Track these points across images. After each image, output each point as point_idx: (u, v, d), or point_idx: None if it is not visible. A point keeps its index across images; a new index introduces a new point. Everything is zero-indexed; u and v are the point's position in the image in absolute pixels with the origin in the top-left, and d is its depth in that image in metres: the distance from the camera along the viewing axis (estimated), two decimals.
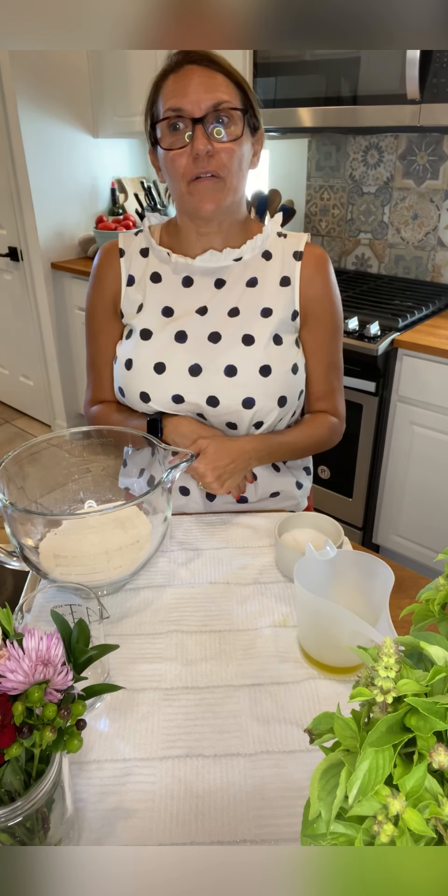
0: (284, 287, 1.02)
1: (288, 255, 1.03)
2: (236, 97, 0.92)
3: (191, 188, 0.92)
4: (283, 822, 0.56)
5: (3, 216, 2.99)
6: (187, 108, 0.88)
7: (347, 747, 0.36)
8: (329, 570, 0.75)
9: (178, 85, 0.90)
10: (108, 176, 3.03)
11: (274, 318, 1.00)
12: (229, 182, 0.93)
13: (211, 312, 1.00)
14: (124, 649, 0.74)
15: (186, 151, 0.90)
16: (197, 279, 1.02)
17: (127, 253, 1.06)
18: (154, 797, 0.58)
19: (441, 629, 0.46)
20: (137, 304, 1.04)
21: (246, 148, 0.95)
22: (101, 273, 1.07)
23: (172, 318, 1.02)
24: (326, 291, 1.05)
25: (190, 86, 0.89)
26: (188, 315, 1.01)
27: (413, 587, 0.83)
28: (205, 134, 0.89)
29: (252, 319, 1.00)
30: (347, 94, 1.89)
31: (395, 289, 2.24)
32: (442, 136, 2.13)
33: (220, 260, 1.00)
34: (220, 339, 0.99)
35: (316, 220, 2.59)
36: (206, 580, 0.86)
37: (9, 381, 3.57)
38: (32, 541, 0.79)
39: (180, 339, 1.00)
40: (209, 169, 0.90)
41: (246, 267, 1.02)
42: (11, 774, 0.46)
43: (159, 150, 0.95)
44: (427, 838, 0.33)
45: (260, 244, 1.02)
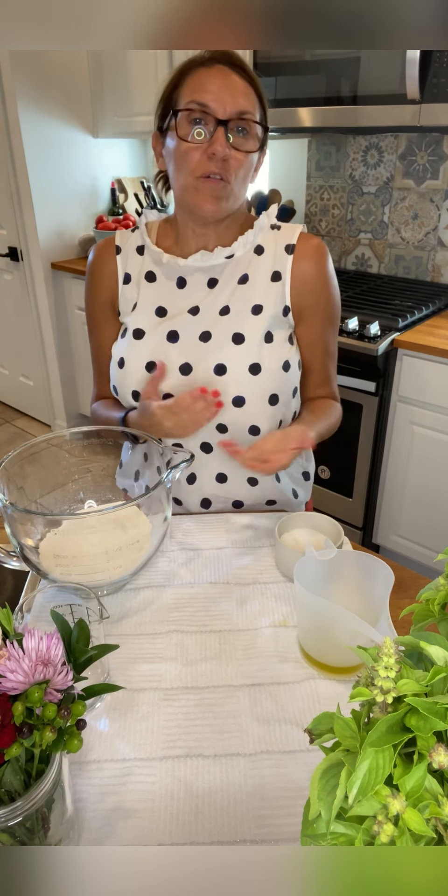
0: (275, 282, 1.01)
1: (280, 249, 1.02)
2: (258, 111, 0.93)
3: (198, 184, 0.92)
4: (283, 822, 0.56)
5: (3, 216, 2.99)
6: (213, 106, 0.88)
7: (347, 747, 0.36)
8: (329, 570, 0.75)
9: (207, 80, 0.89)
10: (108, 176, 3.03)
11: (265, 314, 1.00)
12: (235, 188, 0.93)
13: (203, 312, 1.00)
14: (124, 649, 0.74)
15: (202, 148, 0.90)
16: (190, 279, 1.02)
17: (123, 250, 1.06)
18: (154, 797, 0.58)
19: (441, 629, 0.46)
20: (132, 302, 1.05)
21: (254, 162, 0.96)
22: (97, 271, 1.07)
23: (165, 318, 1.02)
24: (322, 282, 1.03)
25: (220, 85, 0.89)
26: (181, 315, 1.01)
27: (413, 587, 0.83)
28: (225, 137, 0.89)
29: (243, 317, 1.00)
30: (347, 94, 1.89)
31: (395, 289, 2.24)
32: (442, 136, 2.13)
33: (211, 259, 1.00)
34: (210, 339, 0.99)
35: (316, 220, 2.59)
36: (206, 580, 0.86)
37: (9, 381, 3.57)
38: (32, 541, 0.79)
39: (172, 338, 1.00)
40: (220, 171, 0.90)
41: (237, 264, 1.02)
42: (11, 774, 0.46)
43: (169, 140, 0.94)
44: (427, 838, 0.33)
45: (251, 239, 1.02)
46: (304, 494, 1.17)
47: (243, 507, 1.07)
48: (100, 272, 1.07)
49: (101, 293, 1.07)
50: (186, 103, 0.90)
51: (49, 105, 2.69)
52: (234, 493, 1.06)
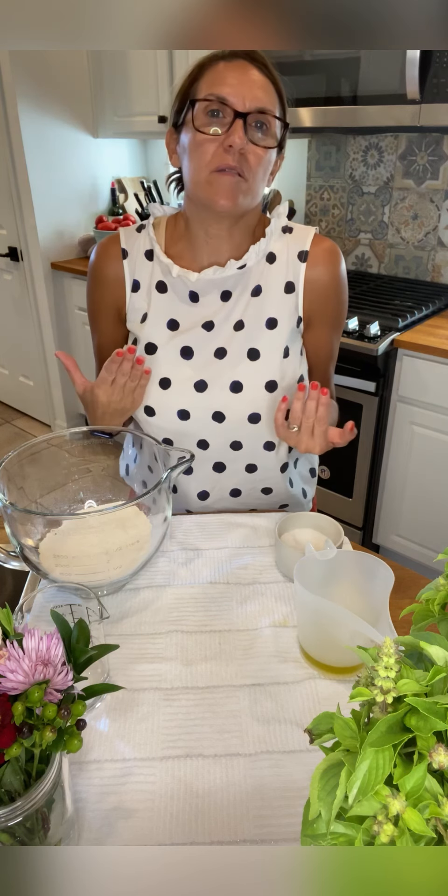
0: (289, 294, 0.99)
1: (292, 257, 0.99)
2: (277, 108, 0.91)
3: (212, 178, 0.88)
4: (283, 822, 0.56)
5: (3, 216, 2.99)
6: (232, 99, 0.85)
7: (347, 747, 0.36)
8: (329, 570, 0.75)
9: (227, 74, 0.87)
10: (108, 176, 3.03)
11: (280, 329, 0.98)
12: (252, 185, 0.90)
13: (217, 327, 0.98)
14: (124, 649, 0.74)
15: (219, 140, 0.87)
16: (202, 293, 0.99)
17: (130, 254, 1.01)
18: (154, 797, 0.58)
19: (441, 629, 0.46)
20: (142, 312, 1.01)
21: (272, 160, 0.93)
22: (101, 274, 1.03)
23: (178, 332, 0.99)
24: (333, 287, 1.01)
25: (240, 79, 0.86)
26: (194, 329, 0.98)
27: (413, 587, 0.83)
28: (244, 129, 0.86)
29: (257, 332, 0.98)
30: (347, 94, 1.89)
31: (395, 289, 2.24)
32: (442, 136, 2.13)
33: (223, 273, 0.97)
34: (225, 355, 0.98)
35: (316, 220, 2.59)
36: (206, 580, 0.86)
37: (9, 381, 3.57)
38: (32, 541, 0.79)
39: (186, 354, 0.98)
40: (237, 165, 0.87)
41: (250, 273, 0.99)
42: (11, 774, 0.46)
43: (183, 135, 0.92)
44: (427, 838, 0.33)
45: (264, 247, 0.98)
46: (311, 492, 1.18)
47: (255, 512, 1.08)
48: (105, 276, 1.02)
49: (105, 298, 1.03)
50: (205, 95, 0.87)
51: (49, 105, 2.69)
52: (248, 504, 1.07)
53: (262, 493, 1.06)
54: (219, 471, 1.03)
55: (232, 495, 1.05)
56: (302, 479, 1.14)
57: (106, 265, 1.02)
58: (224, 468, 1.03)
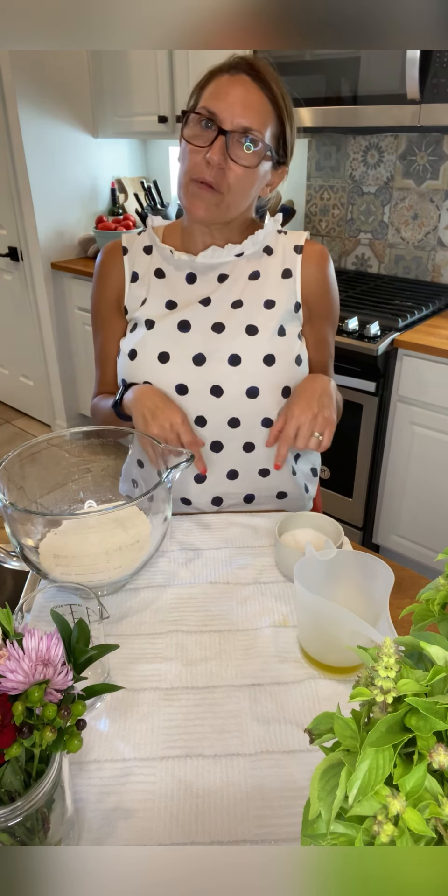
0: (286, 279, 1.03)
1: (289, 250, 1.05)
2: (271, 129, 0.94)
3: (191, 187, 0.94)
4: (283, 822, 0.56)
5: (3, 216, 2.99)
6: (221, 115, 0.90)
7: (347, 747, 0.36)
8: (329, 570, 0.75)
9: (225, 90, 0.91)
10: (108, 176, 3.03)
11: (277, 309, 1.02)
12: (228, 200, 0.94)
13: (214, 304, 1.01)
14: (124, 649, 0.74)
15: (203, 152, 0.91)
16: (200, 275, 1.03)
17: (130, 251, 1.08)
18: (154, 797, 0.58)
19: (441, 629, 0.46)
20: (141, 298, 1.06)
21: (260, 175, 0.96)
22: (105, 271, 1.09)
23: (176, 309, 1.03)
24: (326, 288, 1.07)
25: (235, 97, 0.90)
26: (191, 305, 1.02)
27: (413, 587, 0.83)
28: (224, 147, 0.90)
29: (255, 311, 1.01)
30: (347, 94, 1.89)
31: (395, 289, 2.24)
32: (442, 136, 2.13)
33: (221, 255, 1.01)
34: (223, 329, 1.00)
35: (316, 220, 2.59)
36: (206, 580, 0.86)
37: (9, 381, 3.57)
38: (32, 541, 0.79)
39: (184, 328, 1.01)
40: (212, 180, 0.91)
41: (248, 261, 1.03)
42: (11, 774, 0.46)
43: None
44: (427, 838, 0.33)
45: (261, 239, 1.03)
46: (312, 489, 1.18)
47: (255, 500, 1.08)
48: (107, 272, 1.08)
49: (107, 292, 1.09)
50: (199, 107, 0.92)
51: (49, 105, 2.69)
52: (246, 487, 1.07)
53: (260, 476, 1.06)
54: (216, 450, 1.03)
55: (229, 477, 1.05)
56: (302, 474, 1.14)
57: (109, 262, 1.09)
58: (221, 447, 1.03)
